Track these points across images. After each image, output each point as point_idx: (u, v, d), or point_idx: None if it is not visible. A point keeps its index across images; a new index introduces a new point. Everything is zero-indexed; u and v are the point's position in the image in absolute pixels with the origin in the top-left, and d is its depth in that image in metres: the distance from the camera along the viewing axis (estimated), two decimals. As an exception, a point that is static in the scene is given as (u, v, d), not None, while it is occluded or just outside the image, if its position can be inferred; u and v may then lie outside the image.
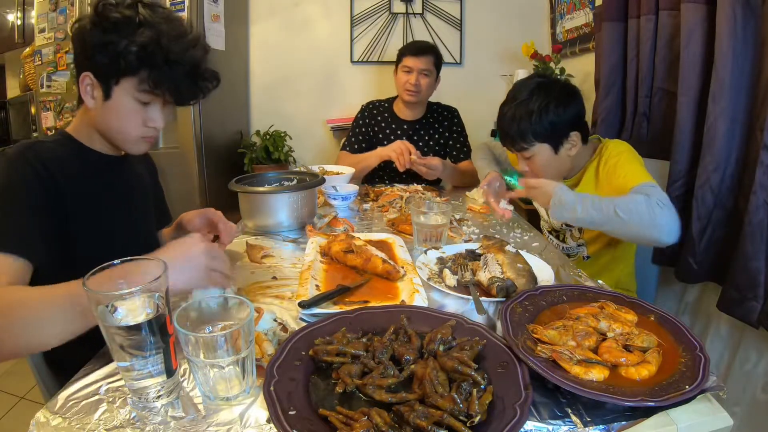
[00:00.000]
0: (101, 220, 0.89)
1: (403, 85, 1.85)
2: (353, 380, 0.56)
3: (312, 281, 0.87)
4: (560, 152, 1.14)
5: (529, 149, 1.13)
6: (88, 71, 0.82)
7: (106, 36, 0.79)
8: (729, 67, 1.14)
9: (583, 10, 2.18)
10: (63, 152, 0.85)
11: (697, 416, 0.54)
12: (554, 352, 0.61)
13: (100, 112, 0.86)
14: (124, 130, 0.87)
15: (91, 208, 0.86)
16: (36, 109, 2.65)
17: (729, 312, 1.17)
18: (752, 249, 1.09)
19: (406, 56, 1.85)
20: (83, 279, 0.53)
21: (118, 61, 0.79)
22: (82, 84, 0.84)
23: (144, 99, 0.84)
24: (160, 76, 0.82)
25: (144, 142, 0.90)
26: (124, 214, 0.96)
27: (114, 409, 0.54)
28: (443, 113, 1.97)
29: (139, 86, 0.82)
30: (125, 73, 0.81)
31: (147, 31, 0.79)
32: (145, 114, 0.87)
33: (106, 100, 0.83)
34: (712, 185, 1.22)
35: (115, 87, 0.82)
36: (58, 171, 0.81)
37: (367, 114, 1.98)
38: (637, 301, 0.76)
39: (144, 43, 0.79)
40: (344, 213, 1.42)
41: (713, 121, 1.19)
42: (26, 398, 1.78)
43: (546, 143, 1.13)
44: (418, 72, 1.82)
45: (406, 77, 1.84)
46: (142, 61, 0.80)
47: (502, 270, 0.88)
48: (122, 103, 0.84)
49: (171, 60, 0.81)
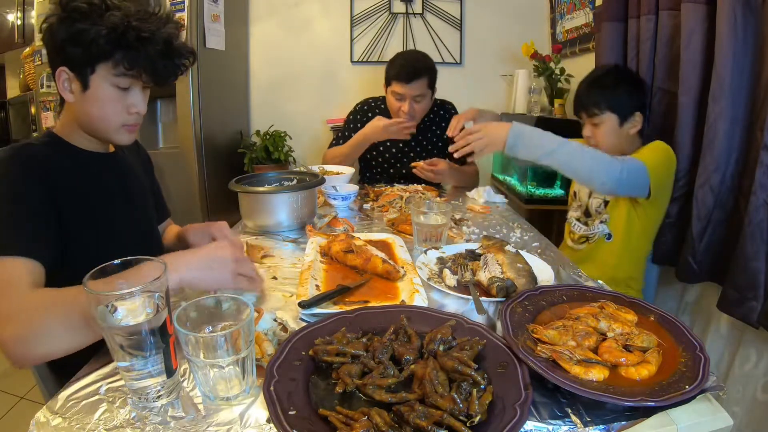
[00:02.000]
0: (98, 218, 0.88)
1: (395, 112, 1.72)
2: (353, 380, 0.56)
3: (312, 281, 0.87)
4: (624, 126, 1.30)
5: (599, 116, 1.29)
6: (63, 66, 0.82)
7: (75, 26, 0.78)
8: (729, 67, 1.14)
9: (583, 10, 2.18)
10: (52, 153, 0.85)
11: (697, 416, 0.54)
12: (554, 352, 0.61)
13: (80, 106, 0.85)
14: (106, 119, 0.86)
15: (86, 207, 0.86)
16: (36, 109, 2.65)
17: (729, 312, 1.17)
18: (752, 249, 1.09)
19: (396, 81, 1.65)
20: (84, 279, 0.53)
21: (90, 48, 0.78)
22: (59, 80, 0.83)
23: (122, 84, 0.83)
24: (134, 56, 0.81)
25: (126, 131, 0.89)
26: (121, 210, 0.95)
27: (114, 409, 0.54)
28: (439, 113, 1.89)
29: (115, 70, 0.81)
30: (99, 58, 0.80)
31: (115, 13, 0.79)
32: (126, 100, 0.86)
33: (84, 91, 0.83)
34: (712, 185, 1.22)
35: (92, 76, 0.82)
36: (51, 171, 0.81)
37: (361, 114, 1.88)
38: (637, 301, 0.76)
39: (114, 25, 0.78)
40: (344, 213, 1.42)
41: (713, 121, 1.19)
42: (26, 398, 1.78)
43: (614, 114, 1.28)
44: (410, 99, 1.67)
45: (398, 104, 1.68)
46: (113, 43, 0.79)
47: (502, 270, 0.88)
48: (101, 91, 0.83)
49: (143, 38, 0.80)
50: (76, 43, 0.79)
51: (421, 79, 1.65)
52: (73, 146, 0.90)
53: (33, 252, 0.73)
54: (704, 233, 1.26)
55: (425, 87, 1.68)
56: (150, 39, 0.81)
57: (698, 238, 1.26)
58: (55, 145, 0.88)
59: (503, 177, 2.56)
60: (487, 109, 1.53)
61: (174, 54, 0.86)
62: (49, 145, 0.87)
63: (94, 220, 0.88)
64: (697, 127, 1.29)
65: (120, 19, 0.79)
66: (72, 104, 0.86)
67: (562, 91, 2.22)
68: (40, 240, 0.76)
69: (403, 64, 1.68)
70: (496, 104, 2.71)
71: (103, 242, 0.88)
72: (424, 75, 1.65)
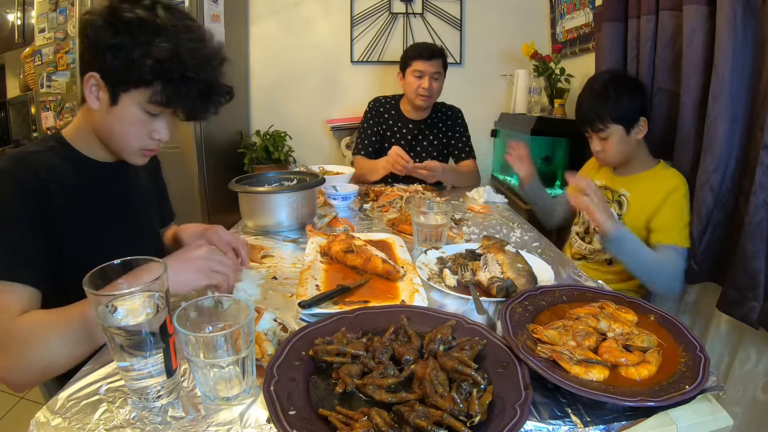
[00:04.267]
0: (99, 234, 0.85)
1: (415, 89, 1.83)
2: (353, 380, 0.56)
3: (312, 281, 0.87)
4: (631, 134, 1.30)
5: (606, 130, 1.29)
6: (95, 72, 0.77)
7: (119, 38, 0.73)
8: (729, 68, 1.14)
9: (583, 10, 2.18)
10: (58, 163, 0.81)
11: (697, 416, 0.54)
12: (554, 352, 0.61)
13: (103, 116, 0.81)
14: (126, 139, 0.83)
15: (88, 223, 0.83)
16: (36, 109, 2.65)
17: (729, 312, 1.17)
18: (752, 249, 1.09)
19: (416, 60, 1.82)
20: (84, 279, 0.54)
21: (130, 69, 0.74)
22: (86, 83, 0.78)
23: (152, 111, 0.80)
24: (174, 92, 0.77)
25: (142, 155, 0.86)
26: (123, 224, 0.92)
27: (114, 409, 0.54)
28: (447, 113, 1.97)
29: (150, 98, 0.77)
30: (136, 84, 0.76)
31: (164, 43, 0.74)
32: (152, 125, 0.82)
33: (111, 105, 0.78)
34: (712, 185, 1.22)
35: (123, 94, 0.77)
36: (53, 185, 0.77)
37: (375, 112, 1.97)
38: (637, 301, 0.76)
39: (161, 59, 0.74)
40: (344, 213, 1.42)
41: (713, 121, 1.19)
42: (26, 398, 1.78)
43: (620, 125, 1.28)
44: (429, 76, 1.81)
45: (418, 82, 1.81)
46: (156, 74, 0.75)
47: (502, 270, 0.88)
48: (129, 111, 0.79)
49: (187, 78, 0.76)
50: (116, 57, 0.74)
51: (439, 58, 1.84)
52: (81, 155, 0.86)
53: (25, 277, 0.71)
54: (704, 233, 1.25)
55: (441, 66, 1.84)
56: (194, 79, 0.77)
57: (698, 238, 1.25)
58: (61, 153, 0.84)
59: (503, 177, 2.56)
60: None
61: (213, 94, 0.83)
62: (55, 152, 0.83)
63: (95, 236, 0.84)
64: (698, 128, 1.29)
65: (168, 53, 0.74)
66: (93, 111, 0.81)
67: (562, 91, 2.22)
68: (33, 264, 0.73)
69: (423, 45, 1.90)
70: (496, 104, 2.71)
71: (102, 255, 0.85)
72: (441, 56, 1.85)
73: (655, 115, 1.48)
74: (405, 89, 1.89)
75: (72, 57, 2.40)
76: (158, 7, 0.76)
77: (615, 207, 1.36)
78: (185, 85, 0.77)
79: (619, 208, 1.35)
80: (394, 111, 1.96)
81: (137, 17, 0.74)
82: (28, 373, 0.67)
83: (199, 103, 0.81)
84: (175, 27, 0.76)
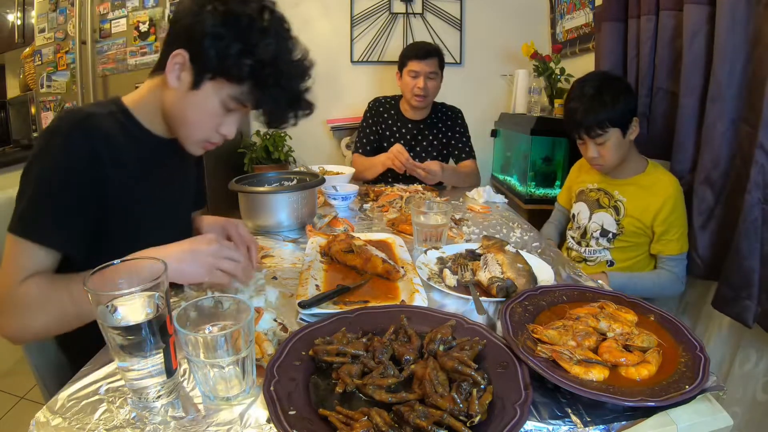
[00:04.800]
0: (143, 208, 0.84)
1: (411, 89, 1.84)
2: (353, 380, 0.56)
3: (312, 281, 0.87)
4: (626, 136, 1.30)
5: (604, 135, 1.28)
6: (186, 50, 0.74)
7: (223, 28, 0.72)
8: (727, 67, 1.14)
9: (583, 10, 2.18)
10: (115, 131, 0.79)
11: (697, 416, 0.54)
12: (554, 352, 0.61)
13: (179, 98, 0.78)
14: (194, 128, 0.81)
15: (135, 195, 0.82)
16: (36, 109, 2.65)
17: (723, 310, 1.17)
18: (746, 248, 1.09)
19: (412, 60, 1.82)
20: (84, 279, 0.53)
21: (226, 62, 0.73)
22: (171, 60, 0.75)
23: (231, 106, 0.78)
24: (263, 97, 0.77)
25: (202, 147, 0.85)
26: (168, 201, 0.92)
27: (114, 409, 0.54)
28: (447, 113, 1.97)
29: (236, 95, 0.76)
30: (228, 77, 0.75)
31: (268, 46, 0.73)
32: (223, 120, 0.81)
33: (191, 89, 0.76)
34: (711, 182, 1.22)
35: (209, 82, 0.75)
36: (105, 152, 0.75)
37: (374, 112, 1.97)
38: (637, 301, 0.76)
39: (262, 60, 0.73)
40: (344, 213, 1.41)
41: (712, 120, 1.19)
42: (26, 398, 1.78)
43: (618, 128, 1.28)
44: (425, 76, 1.81)
45: (414, 81, 1.82)
46: (251, 75, 0.74)
47: (502, 270, 0.88)
48: (207, 101, 0.77)
49: (279, 85, 0.76)
50: (214, 45, 0.72)
51: (434, 58, 1.84)
52: (140, 126, 0.84)
53: (53, 242, 0.72)
54: (705, 228, 1.26)
55: (437, 66, 1.85)
56: (284, 88, 0.78)
57: (699, 233, 1.27)
58: (120, 121, 0.81)
59: (503, 177, 2.56)
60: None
61: (297, 107, 0.83)
62: (114, 118, 0.80)
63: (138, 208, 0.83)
64: (699, 128, 1.29)
65: (271, 55, 0.74)
66: (167, 89, 0.78)
67: (562, 91, 2.21)
68: (66, 230, 0.73)
69: (418, 45, 1.92)
70: (496, 104, 2.71)
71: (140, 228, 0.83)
72: (436, 55, 1.85)
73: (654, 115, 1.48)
74: (402, 89, 1.90)
75: (72, 57, 2.40)
76: (266, 10, 0.76)
77: (612, 212, 1.36)
78: (277, 92, 0.77)
79: (617, 214, 1.35)
80: (393, 111, 1.96)
81: (246, 14, 0.73)
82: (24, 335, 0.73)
83: (283, 111, 0.82)
84: (279, 34, 0.76)
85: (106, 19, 2.33)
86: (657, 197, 1.28)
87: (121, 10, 2.29)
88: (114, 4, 2.30)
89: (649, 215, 1.29)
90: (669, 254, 1.29)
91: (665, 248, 1.29)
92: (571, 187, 1.57)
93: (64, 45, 2.43)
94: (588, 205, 1.43)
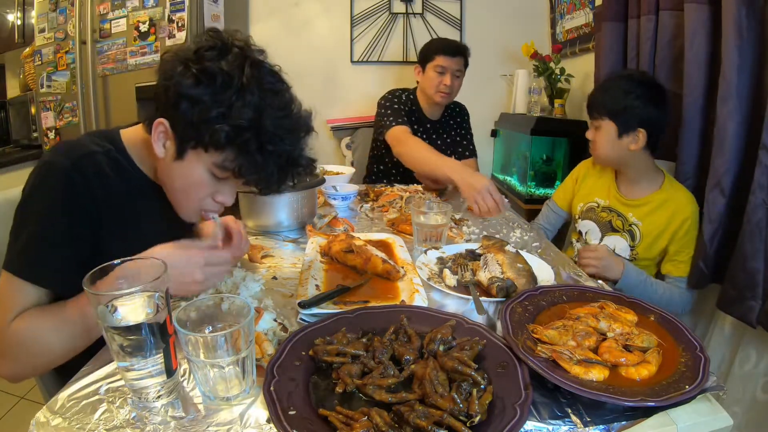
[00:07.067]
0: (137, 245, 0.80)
1: (436, 86, 1.77)
2: (353, 380, 0.56)
3: (312, 281, 0.87)
4: (622, 139, 1.23)
5: (598, 120, 1.26)
6: (165, 119, 0.70)
7: (198, 89, 0.66)
8: (735, 69, 1.13)
9: (583, 10, 2.18)
10: (111, 171, 0.75)
11: (697, 416, 0.54)
12: (554, 352, 0.61)
13: (166, 166, 0.74)
14: (185, 197, 0.76)
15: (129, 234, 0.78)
16: (36, 109, 2.65)
17: (727, 310, 1.17)
18: (751, 248, 1.09)
19: (440, 55, 1.75)
20: (84, 279, 0.54)
21: (204, 128, 0.67)
22: (155, 129, 0.71)
23: (219, 175, 0.72)
24: (248, 164, 0.69)
25: (197, 216, 0.80)
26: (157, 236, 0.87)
27: (114, 409, 0.54)
28: (456, 110, 1.96)
29: (221, 163, 0.70)
30: (207, 145, 0.68)
31: (246, 108, 0.66)
32: (215, 187, 0.75)
33: (177, 159, 0.71)
34: (723, 187, 1.18)
35: (191, 151, 0.70)
36: (100, 192, 0.72)
37: (397, 101, 1.82)
38: (637, 301, 0.76)
39: (239, 125, 0.66)
40: (344, 213, 1.41)
41: (722, 123, 1.15)
42: (26, 398, 1.78)
43: (613, 122, 1.23)
44: (451, 73, 1.76)
45: (440, 78, 1.75)
46: (231, 141, 0.67)
47: (502, 270, 0.88)
48: (194, 170, 0.71)
49: (267, 151, 0.69)
50: (191, 110, 0.66)
51: (462, 56, 1.79)
52: (136, 169, 0.80)
53: (43, 280, 0.69)
54: (715, 236, 1.21)
55: (462, 64, 1.80)
56: (273, 153, 0.69)
57: (710, 242, 1.21)
58: (116, 160, 0.77)
59: (503, 177, 2.56)
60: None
61: (292, 167, 0.75)
62: (110, 158, 0.76)
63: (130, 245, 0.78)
64: (702, 128, 1.28)
65: (248, 120, 0.66)
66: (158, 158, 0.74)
67: (562, 91, 2.22)
68: (57, 270, 0.69)
69: (447, 41, 1.85)
70: (496, 104, 2.71)
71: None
72: (464, 53, 1.80)
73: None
74: (424, 84, 1.82)
75: (72, 57, 2.40)
76: (246, 62, 0.68)
77: (626, 237, 1.30)
78: (262, 157, 0.69)
79: (631, 239, 1.30)
80: (413, 106, 1.87)
81: (221, 70, 0.66)
82: (25, 372, 0.70)
83: (275, 177, 0.73)
84: (261, 89, 0.68)
85: (106, 19, 2.33)
86: (674, 219, 1.24)
87: (121, 10, 2.29)
88: (114, 4, 2.30)
89: (666, 237, 1.26)
90: (678, 276, 1.27)
91: (675, 269, 1.27)
92: (574, 190, 1.49)
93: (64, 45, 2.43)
94: (599, 227, 1.37)
